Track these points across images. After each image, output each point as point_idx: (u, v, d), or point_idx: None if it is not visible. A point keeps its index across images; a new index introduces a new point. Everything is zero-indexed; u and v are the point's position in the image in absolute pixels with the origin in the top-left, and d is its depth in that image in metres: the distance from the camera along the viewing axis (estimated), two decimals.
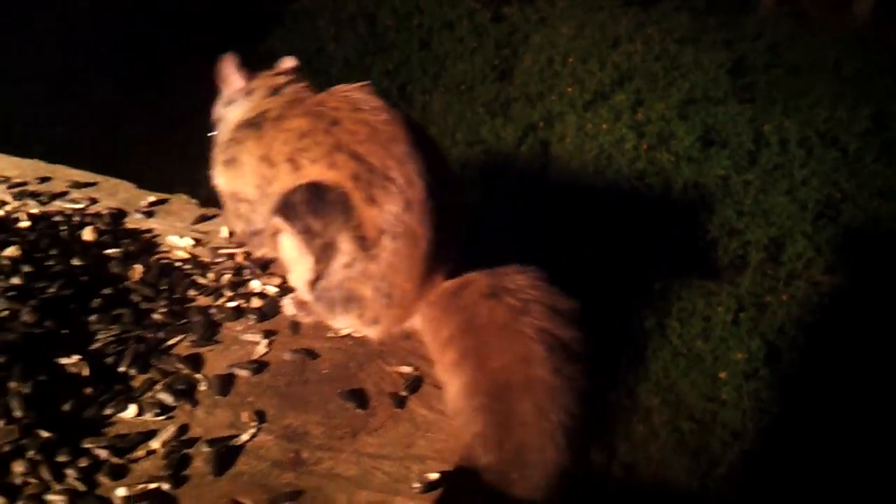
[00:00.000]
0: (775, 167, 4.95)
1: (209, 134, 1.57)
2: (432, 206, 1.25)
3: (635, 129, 5.12)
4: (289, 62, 1.56)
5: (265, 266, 1.56)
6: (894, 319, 4.02)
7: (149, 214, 1.71)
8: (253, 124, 1.41)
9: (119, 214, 1.69)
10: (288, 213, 1.30)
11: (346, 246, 1.25)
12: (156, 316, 1.39)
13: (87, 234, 1.57)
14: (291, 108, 1.38)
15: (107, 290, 1.41)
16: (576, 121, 5.31)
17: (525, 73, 5.83)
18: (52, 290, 1.36)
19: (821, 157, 4.86)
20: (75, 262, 1.46)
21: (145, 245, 1.59)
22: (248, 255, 1.58)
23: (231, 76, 1.50)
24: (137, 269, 1.49)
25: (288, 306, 1.44)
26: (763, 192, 4.83)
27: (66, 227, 1.58)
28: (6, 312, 1.28)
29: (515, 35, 6.19)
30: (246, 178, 1.39)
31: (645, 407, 3.88)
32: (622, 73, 5.50)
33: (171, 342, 1.35)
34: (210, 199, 1.85)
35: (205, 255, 1.60)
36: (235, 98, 1.50)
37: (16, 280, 1.35)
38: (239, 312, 1.44)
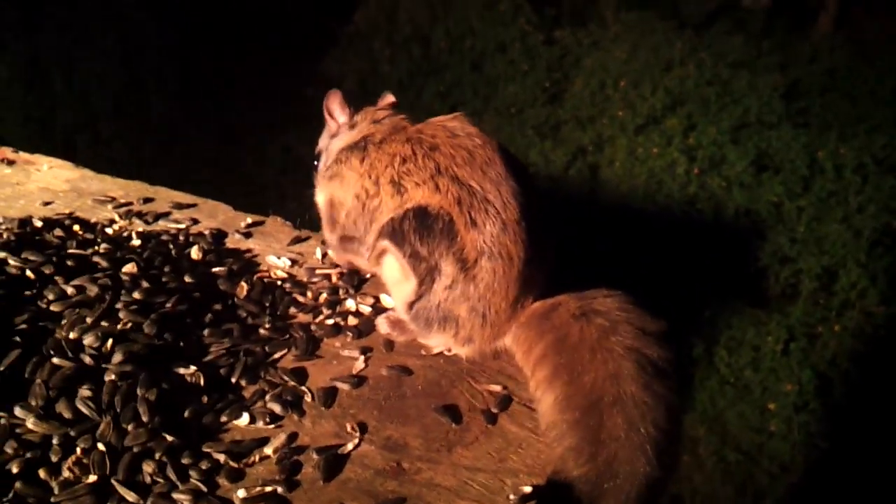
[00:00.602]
0: (830, 194, 4.91)
1: (314, 162, 1.68)
2: (526, 226, 1.33)
3: (687, 153, 5.14)
4: (388, 98, 1.67)
5: (359, 286, 1.66)
6: None
7: (247, 235, 1.82)
8: (357, 147, 1.52)
9: (220, 235, 1.81)
10: (396, 237, 1.38)
11: (448, 269, 1.33)
12: (262, 331, 1.48)
13: (194, 253, 1.68)
14: (393, 134, 1.49)
15: (217, 306, 1.52)
16: (626, 145, 5.35)
17: (576, 96, 5.90)
18: (168, 304, 1.46)
19: (877, 185, 4.81)
20: (187, 278, 1.57)
21: (247, 264, 1.70)
22: (342, 275, 1.68)
23: (336, 110, 1.61)
24: (243, 287, 1.58)
25: (382, 325, 1.51)
26: (817, 219, 4.79)
27: (173, 246, 1.70)
28: (129, 325, 1.39)
29: (567, 58, 6.27)
30: (346, 187, 1.50)
31: (690, 437, 3.86)
32: (674, 97, 5.53)
33: (276, 356, 1.45)
34: (289, 216, 1.96)
35: (302, 274, 1.70)
36: (341, 131, 1.61)
37: (137, 295, 1.46)
38: (337, 329, 1.52)
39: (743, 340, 4.18)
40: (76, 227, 1.72)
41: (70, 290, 1.45)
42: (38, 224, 1.70)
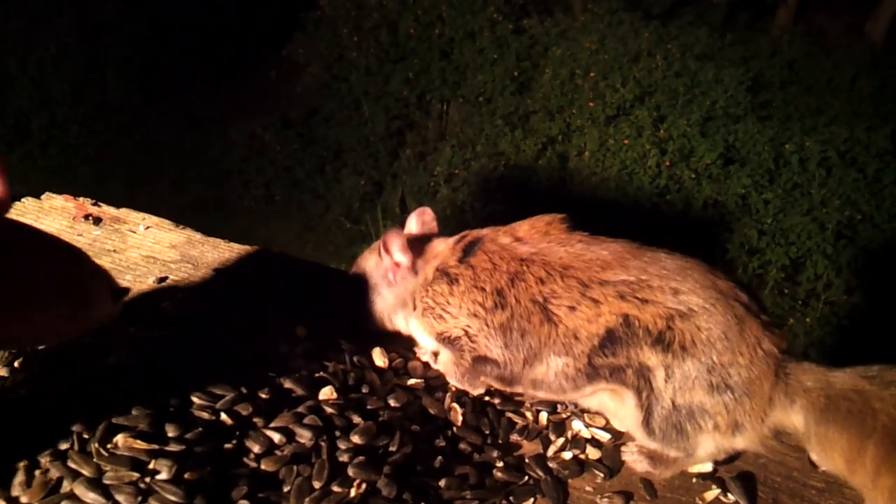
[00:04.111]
0: (794, 186, 5.00)
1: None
2: (704, 279, 1.18)
3: (658, 145, 5.17)
4: (426, 214, 1.43)
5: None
6: None
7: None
8: (436, 280, 1.31)
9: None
10: (594, 378, 1.21)
11: (652, 358, 1.16)
12: (496, 473, 1.16)
13: (378, 358, 1.33)
14: (487, 254, 1.29)
15: (440, 442, 1.18)
16: (597, 135, 5.34)
17: (545, 86, 5.86)
18: (393, 448, 1.12)
19: (840, 178, 4.91)
20: (392, 402, 1.23)
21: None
22: None
23: (396, 253, 1.37)
24: (457, 410, 1.25)
25: (639, 463, 1.22)
26: (783, 211, 4.88)
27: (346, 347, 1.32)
28: (364, 486, 1.04)
29: (536, 47, 6.24)
30: (453, 314, 1.29)
31: None
32: (643, 88, 5.55)
33: None
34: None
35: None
36: (400, 275, 1.37)
37: (355, 438, 1.11)
38: (580, 466, 1.19)
39: None
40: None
41: (277, 438, 1.09)
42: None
